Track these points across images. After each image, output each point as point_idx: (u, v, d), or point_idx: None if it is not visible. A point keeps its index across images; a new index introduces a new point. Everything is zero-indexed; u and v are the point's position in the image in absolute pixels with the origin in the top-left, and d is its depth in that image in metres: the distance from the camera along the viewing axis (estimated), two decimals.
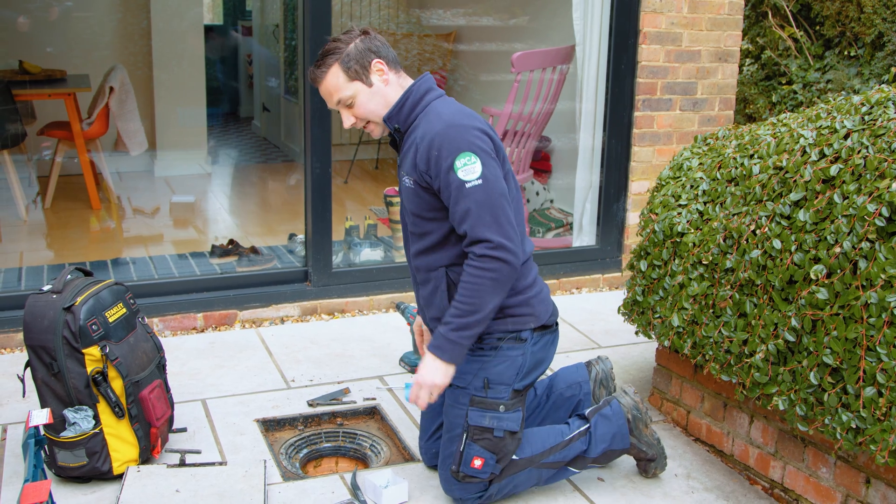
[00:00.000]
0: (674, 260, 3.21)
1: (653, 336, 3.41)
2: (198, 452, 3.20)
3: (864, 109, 2.82)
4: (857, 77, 5.98)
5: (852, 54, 6.16)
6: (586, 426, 2.98)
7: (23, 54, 6.76)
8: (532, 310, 2.85)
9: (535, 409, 3.20)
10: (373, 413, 3.57)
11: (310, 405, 3.57)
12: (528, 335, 2.86)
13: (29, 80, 6.41)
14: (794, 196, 2.75)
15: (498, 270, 2.65)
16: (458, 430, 2.84)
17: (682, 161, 3.50)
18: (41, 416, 2.66)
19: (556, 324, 2.99)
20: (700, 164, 3.39)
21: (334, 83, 2.79)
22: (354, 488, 2.96)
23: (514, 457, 2.88)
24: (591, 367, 3.24)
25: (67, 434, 2.89)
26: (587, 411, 3.03)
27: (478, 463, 2.82)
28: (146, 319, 3.23)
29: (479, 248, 2.66)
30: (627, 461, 3.20)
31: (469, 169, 2.65)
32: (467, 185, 2.65)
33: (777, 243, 2.74)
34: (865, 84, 5.84)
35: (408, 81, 2.88)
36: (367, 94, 2.79)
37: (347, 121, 2.85)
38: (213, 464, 3.09)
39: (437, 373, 2.73)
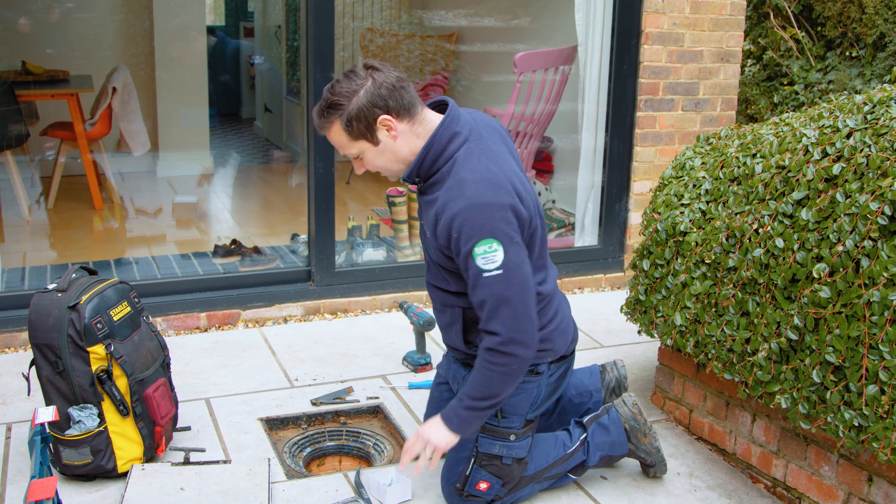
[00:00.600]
0: (676, 259, 3.22)
1: (655, 335, 3.42)
2: (202, 451, 3.21)
3: (866, 108, 2.83)
4: (858, 78, 5.99)
5: (854, 55, 6.17)
6: (584, 436, 2.98)
7: (26, 55, 6.77)
8: (552, 345, 2.81)
9: (544, 420, 3.21)
10: (376, 412, 3.58)
11: (313, 404, 3.58)
12: (545, 368, 2.83)
13: (32, 81, 6.43)
14: (796, 195, 2.76)
15: (507, 365, 2.57)
16: (466, 453, 2.82)
17: (685, 160, 3.51)
18: (47, 414, 2.66)
19: (574, 350, 2.96)
20: (703, 163, 3.40)
21: (338, 140, 2.62)
22: (358, 486, 2.97)
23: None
24: (604, 374, 3.22)
25: (72, 432, 2.90)
26: (585, 419, 3.02)
27: (483, 486, 2.82)
28: (150, 318, 3.24)
29: (490, 341, 2.57)
30: (630, 460, 3.20)
31: (489, 258, 2.50)
32: (485, 275, 2.51)
33: (779, 242, 2.74)
34: (867, 85, 5.84)
35: (426, 125, 2.65)
36: (373, 152, 2.63)
37: (359, 169, 2.71)
38: (217, 462, 3.10)
39: (439, 436, 2.67)
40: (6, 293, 4.31)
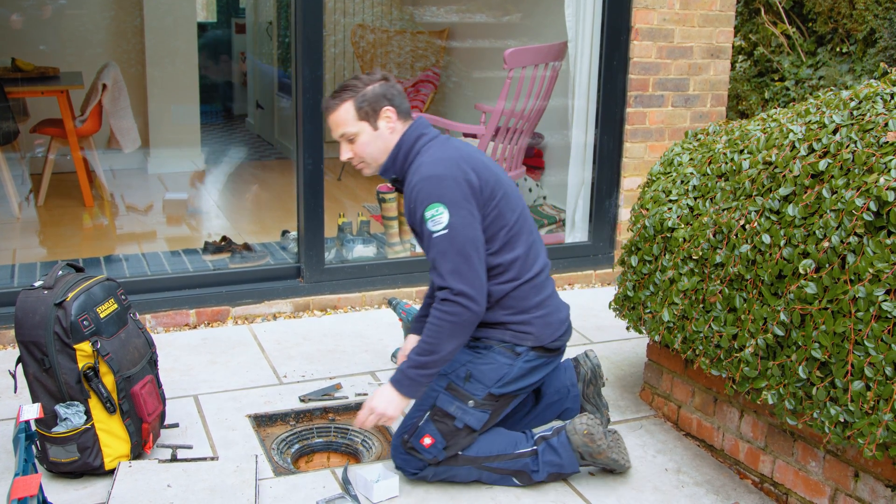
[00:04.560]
0: (664, 255, 3.22)
1: (644, 331, 3.42)
2: (189, 448, 3.20)
3: (852, 104, 2.83)
4: (849, 73, 5.99)
5: (844, 51, 6.17)
6: (533, 448, 3.01)
7: (16, 52, 6.75)
8: (532, 329, 2.95)
9: (521, 416, 3.22)
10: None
11: (302, 401, 3.58)
12: (524, 350, 2.95)
13: (22, 78, 6.41)
14: (783, 191, 2.76)
15: (457, 314, 2.77)
16: (425, 407, 2.95)
17: (673, 157, 3.51)
18: (32, 411, 2.66)
19: (560, 349, 3.06)
20: (690, 159, 3.40)
21: (344, 117, 2.91)
22: (345, 483, 2.97)
23: (459, 451, 2.95)
24: (578, 368, 3.24)
25: (59, 429, 2.90)
26: (536, 436, 3.05)
27: (427, 441, 2.92)
28: (138, 315, 3.23)
29: (442, 294, 2.79)
30: None
31: (436, 220, 2.78)
32: (434, 236, 2.78)
33: (766, 238, 2.75)
34: (857, 80, 5.85)
35: None
36: (369, 136, 2.93)
37: (345, 154, 2.97)
38: (204, 459, 3.10)
39: (391, 404, 2.84)
40: None
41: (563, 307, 3.07)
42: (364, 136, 2.92)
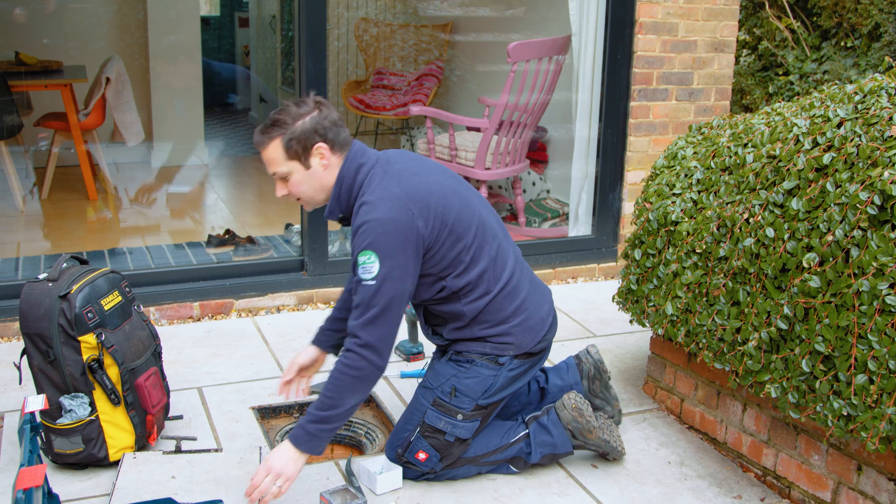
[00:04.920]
0: (668, 248, 3.22)
1: (647, 324, 3.42)
2: (193, 439, 3.21)
3: (857, 98, 2.83)
4: (853, 68, 5.99)
5: (849, 45, 6.16)
6: (525, 432, 3.03)
7: (19, 45, 6.75)
8: (513, 339, 2.91)
9: (525, 415, 3.22)
10: (368, 400, 3.58)
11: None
12: (507, 360, 2.92)
13: (25, 72, 6.41)
14: (787, 184, 2.76)
15: (361, 369, 2.67)
16: (415, 422, 2.93)
17: (677, 150, 3.51)
18: (37, 402, 2.66)
19: (544, 349, 3.03)
20: (694, 152, 3.40)
21: (273, 156, 2.76)
22: (349, 475, 2.97)
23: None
24: (581, 365, 3.24)
25: (64, 421, 2.90)
26: (527, 417, 3.07)
27: (422, 456, 2.93)
28: (142, 308, 3.24)
29: (349, 342, 2.70)
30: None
31: (366, 268, 2.67)
32: (362, 283, 2.68)
33: (770, 232, 2.75)
34: (862, 75, 5.84)
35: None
36: (302, 175, 2.77)
37: (280, 192, 2.83)
38: (208, 450, 3.11)
39: (289, 463, 2.66)
40: None
41: (543, 302, 3.01)
42: (296, 175, 2.77)
